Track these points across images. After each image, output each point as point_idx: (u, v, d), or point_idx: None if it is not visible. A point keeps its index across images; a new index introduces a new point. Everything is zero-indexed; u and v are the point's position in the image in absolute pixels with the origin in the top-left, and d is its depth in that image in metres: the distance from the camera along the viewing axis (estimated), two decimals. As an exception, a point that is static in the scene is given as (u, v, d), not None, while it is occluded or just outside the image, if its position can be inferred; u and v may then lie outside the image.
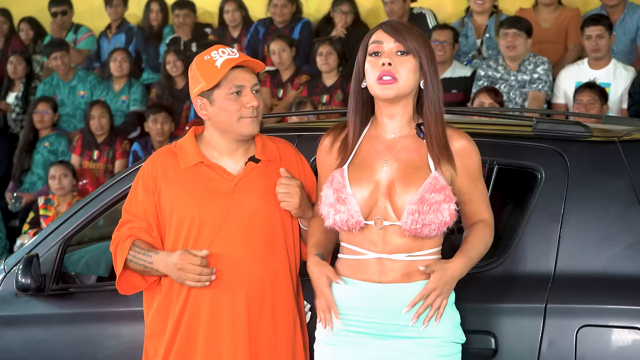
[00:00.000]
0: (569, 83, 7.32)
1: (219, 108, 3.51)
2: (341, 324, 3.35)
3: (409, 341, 3.30)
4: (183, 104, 8.71)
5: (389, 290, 3.31)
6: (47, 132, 8.84)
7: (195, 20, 9.66)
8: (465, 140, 3.36)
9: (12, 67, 9.58)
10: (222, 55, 3.51)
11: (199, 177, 3.53)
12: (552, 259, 3.56)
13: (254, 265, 3.51)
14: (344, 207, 3.30)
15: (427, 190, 3.25)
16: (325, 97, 8.18)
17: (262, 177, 3.56)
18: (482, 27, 8.20)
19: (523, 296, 3.54)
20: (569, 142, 3.71)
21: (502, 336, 3.51)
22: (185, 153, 3.57)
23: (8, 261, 4.35)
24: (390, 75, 3.30)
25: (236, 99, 3.50)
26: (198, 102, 3.54)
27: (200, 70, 3.52)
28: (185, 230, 3.51)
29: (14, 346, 4.22)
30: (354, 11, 8.83)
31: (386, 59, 3.31)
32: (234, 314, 3.50)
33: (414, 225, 3.25)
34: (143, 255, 3.51)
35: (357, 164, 3.37)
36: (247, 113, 3.51)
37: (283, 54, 8.41)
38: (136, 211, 3.57)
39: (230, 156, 3.57)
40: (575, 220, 3.59)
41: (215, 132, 3.56)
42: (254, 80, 3.54)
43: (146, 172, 3.59)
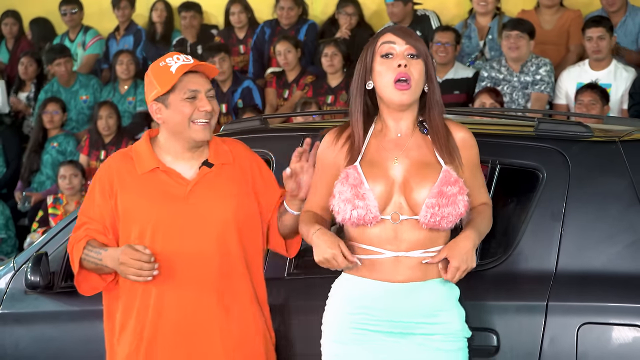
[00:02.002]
0: (570, 84, 7.34)
1: (173, 111, 3.56)
2: (352, 321, 3.39)
3: (421, 338, 3.34)
4: (189, 105, 8.73)
5: (404, 289, 3.35)
6: (56, 132, 8.87)
7: (202, 22, 9.69)
8: (464, 132, 3.43)
9: (23, 68, 9.61)
10: (177, 61, 3.57)
11: (155, 182, 3.59)
12: (554, 257, 3.58)
13: (209, 268, 3.56)
14: (362, 202, 3.33)
15: (443, 184, 3.31)
16: (330, 98, 8.22)
17: (216, 181, 3.61)
18: (485, 28, 8.22)
19: (525, 294, 3.56)
20: (570, 142, 3.72)
21: (504, 333, 3.52)
22: (142, 158, 3.62)
23: (17, 259, 4.38)
24: (406, 77, 3.34)
25: (191, 102, 3.56)
26: (153, 106, 3.59)
27: (156, 76, 3.58)
28: (140, 235, 3.56)
29: (23, 343, 4.25)
30: (358, 13, 8.85)
31: (402, 61, 3.35)
32: (189, 314, 3.56)
33: (432, 218, 3.30)
34: (94, 253, 3.57)
35: (367, 161, 3.41)
36: (200, 117, 3.56)
37: (289, 54, 8.44)
38: (92, 214, 3.63)
39: (185, 160, 3.62)
40: (577, 219, 3.61)
41: (170, 136, 3.61)
42: (208, 86, 3.60)
43: (103, 175, 3.64)
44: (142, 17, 10.01)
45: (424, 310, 3.35)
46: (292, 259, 3.90)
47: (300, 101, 7.92)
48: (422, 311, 3.35)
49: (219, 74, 8.46)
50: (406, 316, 3.35)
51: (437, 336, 3.35)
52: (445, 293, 3.39)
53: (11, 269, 4.39)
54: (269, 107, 8.55)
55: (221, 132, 4.45)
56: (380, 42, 3.39)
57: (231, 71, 8.58)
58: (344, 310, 3.41)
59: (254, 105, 8.35)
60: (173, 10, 9.78)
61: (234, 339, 3.60)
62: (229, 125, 4.49)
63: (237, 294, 3.61)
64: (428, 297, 3.36)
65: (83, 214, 3.67)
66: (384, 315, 3.36)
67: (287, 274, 3.90)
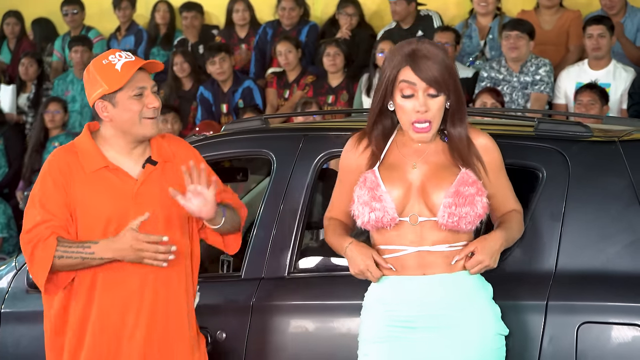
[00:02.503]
0: (569, 83, 7.35)
1: (122, 109, 3.57)
2: (384, 319, 3.42)
3: (453, 332, 3.36)
4: (190, 105, 8.75)
5: (432, 282, 3.38)
6: (57, 132, 8.89)
7: (203, 22, 9.71)
8: (485, 138, 3.46)
9: (24, 68, 9.63)
10: (120, 58, 3.57)
11: (103, 180, 3.59)
12: (553, 256, 3.59)
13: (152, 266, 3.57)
14: (379, 204, 3.37)
15: (460, 184, 3.34)
16: (330, 98, 8.23)
17: (160, 178, 3.63)
18: (485, 28, 8.23)
19: (524, 293, 3.58)
20: (570, 142, 3.74)
21: (504, 332, 3.54)
22: (88, 156, 3.61)
23: (19, 258, 4.39)
24: (426, 122, 3.36)
25: (139, 100, 3.57)
26: (99, 104, 3.58)
27: (101, 73, 3.56)
28: (90, 232, 3.56)
29: (24, 342, 4.27)
30: (359, 13, 8.86)
31: (422, 107, 3.35)
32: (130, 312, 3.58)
33: (450, 219, 3.33)
34: (79, 247, 3.52)
35: (386, 166, 3.44)
36: (148, 113, 3.58)
37: (289, 55, 8.45)
38: (52, 207, 3.57)
39: (129, 156, 3.63)
40: (576, 219, 3.62)
41: (117, 133, 3.61)
42: (152, 82, 3.62)
43: (53, 169, 3.60)
44: (143, 17, 10.02)
45: (453, 301, 3.37)
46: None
47: (301, 101, 7.93)
48: (451, 303, 3.37)
49: (219, 74, 8.48)
50: (435, 309, 3.37)
51: (469, 332, 3.37)
52: (473, 286, 3.40)
53: (13, 268, 4.41)
54: (269, 107, 8.56)
55: (222, 132, 4.46)
56: (400, 79, 3.36)
57: (232, 71, 8.59)
58: (376, 310, 3.45)
59: (254, 105, 8.37)
60: (175, 11, 9.80)
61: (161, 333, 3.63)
62: (229, 125, 4.50)
63: (173, 290, 3.64)
64: (456, 289, 3.38)
65: (42, 207, 3.55)
66: (414, 309, 3.39)
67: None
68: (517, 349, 3.53)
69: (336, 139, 4.15)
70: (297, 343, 3.89)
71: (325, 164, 4.15)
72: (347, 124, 4.46)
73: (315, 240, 5.28)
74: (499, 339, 3.43)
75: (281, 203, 4.04)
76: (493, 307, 3.44)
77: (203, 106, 8.62)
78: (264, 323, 3.91)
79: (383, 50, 7.93)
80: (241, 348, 3.94)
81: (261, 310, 3.93)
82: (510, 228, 3.44)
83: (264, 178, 5.23)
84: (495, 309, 3.44)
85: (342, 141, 4.12)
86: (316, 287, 3.93)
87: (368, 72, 8.10)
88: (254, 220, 4.14)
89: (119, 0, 9.85)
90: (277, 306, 3.93)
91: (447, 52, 3.46)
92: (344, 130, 4.27)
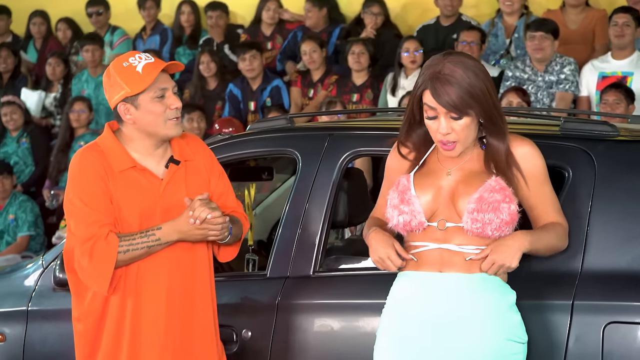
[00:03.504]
0: (591, 75, 7.35)
1: (144, 112, 3.58)
2: (400, 314, 3.44)
3: (460, 333, 3.35)
4: (215, 104, 8.79)
5: (447, 280, 3.38)
6: (82, 131, 8.94)
7: (228, 21, 9.74)
8: (527, 147, 3.42)
9: (51, 68, 9.68)
10: (140, 60, 3.58)
11: (131, 180, 3.61)
12: (579, 256, 3.58)
13: (181, 263, 3.61)
14: (407, 207, 3.39)
15: (485, 190, 3.33)
16: (355, 96, 8.24)
17: (184, 177, 3.66)
18: (511, 27, 8.22)
19: (550, 293, 3.57)
20: (596, 141, 3.73)
21: (530, 332, 3.49)
22: (116, 156, 3.62)
23: (46, 257, 4.43)
24: (449, 142, 3.36)
25: (161, 101, 3.58)
26: (121, 107, 3.59)
27: (122, 76, 3.58)
28: (123, 230, 3.58)
29: (52, 340, 4.30)
30: (384, 13, 8.87)
31: (444, 129, 3.34)
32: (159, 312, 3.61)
33: (474, 224, 3.32)
34: (142, 237, 3.54)
35: (423, 171, 3.46)
36: (172, 114, 3.59)
37: (314, 54, 8.47)
38: (99, 206, 3.55)
39: (152, 156, 3.65)
40: (602, 218, 3.60)
41: (140, 134, 3.62)
42: (173, 83, 3.63)
43: (89, 167, 3.57)
44: (168, 17, 10.05)
45: (464, 302, 3.36)
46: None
47: (325, 100, 7.94)
48: (462, 303, 3.36)
49: (249, 71, 8.51)
50: (446, 307, 3.37)
51: (475, 334, 3.35)
52: (488, 289, 3.37)
53: (40, 267, 4.44)
54: (293, 106, 8.58)
55: (248, 131, 4.48)
56: (424, 101, 3.36)
57: (261, 69, 8.62)
58: (391, 304, 3.48)
59: (280, 104, 8.39)
60: (200, 11, 9.83)
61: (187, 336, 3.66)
62: (255, 124, 4.51)
63: (200, 292, 3.68)
64: (469, 290, 3.37)
65: (89, 207, 3.53)
66: (429, 307, 3.39)
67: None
68: (543, 349, 3.52)
69: (361, 138, 4.17)
70: (322, 342, 3.90)
71: (351, 163, 4.16)
72: (372, 124, 4.46)
73: (341, 239, 5.29)
74: (514, 345, 3.38)
75: (306, 202, 4.05)
76: (509, 313, 3.39)
77: (231, 103, 8.64)
78: (289, 322, 3.92)
79: (408, 49, 7.93)
80: (266, 347, 3.95)
81: (286, 309, 3.95)
82: (542, 233, 3.40)
83: (289, 177, 5.24)
84: (513, 316, 3.40)
85: (367, 140, 4.15)
86: (341, 286, 3.94)
87: (393, 71, 8.10)
88: (279, 220, 4.16)
89: (143, 0, 9.89)
90: (302, 305, 3.94)
91: (476, 66, 3.34)
92: (369, 130, 4.28)
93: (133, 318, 3.60)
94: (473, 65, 3.34)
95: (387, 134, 3.94)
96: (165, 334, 3.61)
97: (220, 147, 4.26)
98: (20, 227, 8.49)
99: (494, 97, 3.37)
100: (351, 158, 4.08)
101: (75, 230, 3.56)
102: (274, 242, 4.08)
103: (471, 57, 3.41)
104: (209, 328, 3.71)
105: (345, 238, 5.37)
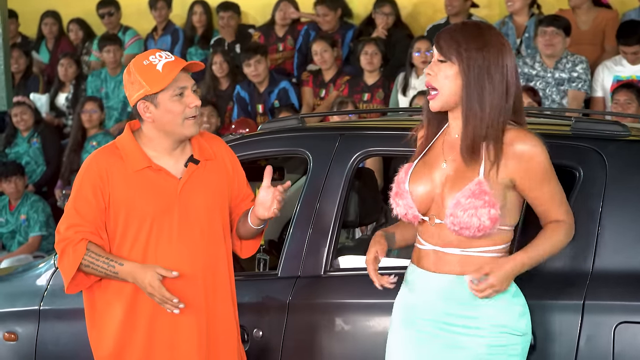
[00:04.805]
0: (607, 77, 7.34)
1: (164, 110, 3.59)
2: (400, 308, 3.47)
3: (461, 330, 3.35)
4: (227, 104, 8.80)
5: (443, 280, 3.38)
6: (94, 131, 8.95)
7: (239, 21, 9.75)
8: (528, 144, 3.31)
9: (63, 69, 9.71)
10: (161, 59, 3.60)
11: (146, 180, 3.62)
12: (590, 256, 3.58)
13: (197, 263, 3.63)
14: (401, 201, 3.40)
15: (464, 195, 3.29)
16: (366, 95, 8.25)
17: (203, 177, 3.67)
18: (522, 27, 8.21)
19: (561, 293, 3.57)
20: (607, 141, 3.72)
21: (540, 332, 3.52)
22: (131, 156, 3.64)
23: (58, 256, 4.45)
24: (430, 86, 3.35)
25: (180, 100, 3.59)
26: (141, 105, 3.60)
27: (142, 74, 3.59)
28: (137, 230, 3.61)
29: (64, 339, 4.32)
30: (395, 13, 8.88)
31: (429, 70, 3.35)
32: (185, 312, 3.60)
33: (454, 227, 3.31)
34: (104, 263, 3.57)
35: (425, 160, 3.44)
36: (190, 113, 3.60)
37: (325, 54, 8.47)
38: (85, 213, 3.61)
39: (170, 156, 3.66)
40: (613, 218, 3.60)
41: (159, 133, 3.64)
42: (192, 81, 3.64)
43: (93, 173, 3.62)
44: (179, 17, 10.07)
45: (459, 303, 3.36)
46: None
47: (337, 100, 7.95)
48: (457, 304, 3.36)
49: (255, 76, 8.52)
50: (443, 307, 3.37)
51: (476, 330, 3.35)
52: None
53: (51, 266, 4.46)
54: (305, 106, 8.59)
55: (259, 132, 4.49)
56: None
57: (267, 72, 8.62)
58: (398, 297, 3.51)
59: (290, 104, 8.39)
60: (212, 11, 9.84)
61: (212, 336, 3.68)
62: (266, 125, 4.51)
63: (220, 291, 3.70)
64: (463, 292, 3.36)
65: (76, 211, 3.61)
66: (423, 304, 3.40)
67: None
68: (554, 349, 3.53)
69: (372, 138, 4.17)
70: (333, 342, 3.90)
71: (362, 163, 4.16)
72: (384, 124, 4.46)
73: (352, 239, 5.30)
74: (510, 338, 3.35)
75: (317, 202, 4.06)
76: (506, 304, 3.35)
77: (239, 105, 8.66)
78: (301, 321, 3.93)
79: (420, 49, 7.94)
80: (278, 346, 3.96)
81: (297, 309, 3.96)
82: (538, 245, 3.34)
83: (300, 177, 5.25)
84: (508, 307, 3.35)
85: (378, 140, 4.15)
86: (352, 285, 3.94)
87: (404, 71, 8.11)
88: (290, 219, 4.16)
89: (154, 0, 9.91)
90: (313, 305, 3.95)
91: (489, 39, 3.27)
92: (380, 130, 4.28)
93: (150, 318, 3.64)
94: (485, 36, 3.29)
95: (398, 134, 3.94)
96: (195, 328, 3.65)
97: (231, 147, 4.26)
98: (32, 227, 8.51)
99: (489, 76, 3.27)
100: (362, 158, 4.09)
101: (59, 227, 3.66)
102: (285, 242, 4.09)
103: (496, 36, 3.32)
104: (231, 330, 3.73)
105: (356, 238, 5.37)
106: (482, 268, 3.29)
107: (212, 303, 3.67)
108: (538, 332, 3.53)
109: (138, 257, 3.61)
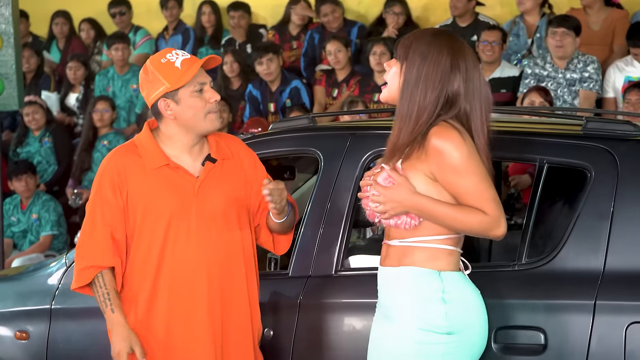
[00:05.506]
0: (618, 77, 7.33)
1: (185, 106, 3.61)
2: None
3: (383, 324, 3.38)
4: (238, 104, 8.81)
5: (382, 273, 3.41)
6: (106, 131, 8.97)
7: (250, 21, 9.76)
8: (441, 139, 3.28)
9: (72, 72, 9.70)
10: (177, 56, 3.63)
11: (164, 178, 3.64)
12: (602, 256, 3.58)
13: (215, 260, 3.65)
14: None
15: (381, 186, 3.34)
16: (377, 96, 8.24)
17: (220, 176, 3.69)
18: (533, 27, 8.20)
19: (573, 293, 3.57)
20: (618, 141, 3.72)
21: (552, 332, 3.53)
22: (150, 154, 3.65)
23: (69, 256, 4.45)
24: (383, 80, 3.42)
25: (200, 96, 3.62)
26: (162, 103, 3.62)
27: (161, 72, 3.60)
28: (152, 230, 3.63)
29: (75, 338, 4.33)
30: (405, 12, 8.88)
31: (386, 64, 3.43)
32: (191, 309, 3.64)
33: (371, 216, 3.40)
34: (103, 301, 3.64)
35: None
36: (211, 108, 3.63)
37: (339, 54, 8.46)
38: (111, 219, 3.63)
39: (189, 154, 3.68)
40: (625, 218, 3.60)
41: (180, 130, 3.65)
42: (209, 77, 3.68)
43: (111, 171, 3.65)
44: (190, 17, 10.09)
45: (387, 294, 3.37)
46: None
47: (347, 100, 7.95)
48: (387, 296, 3.37)
49: (267, 74, 8.52)
50: (381, 298, 3.41)
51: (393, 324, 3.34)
52: (410, 282, 3.32)
53: (63, 265, 4.46)
54: (317, 105, 8.59)
55: (269, 131, 4.49)
56: None
57: (279, 71, 8.62)
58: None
59: (301, 104, 8.40)
60: (221, 11, 9.85)
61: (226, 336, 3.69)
62: (277, 124, 4.52)
63: (236, 290, 3.71)
64: (395, 282, 3.34)
65: (102, 218, 3.64)
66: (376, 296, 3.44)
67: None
68: (565, 349, 3.53)
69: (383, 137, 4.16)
70: (344, 341, 3.91)
71: (372, 162, 4.16)
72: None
73: (363, 238, 5.29)
74: (431, 335, 3.27)
75: (328, 201, 4.06)
76: (430, 304, 3.28)
77: (251, 104, 8.67)
78: (312, 321, 3.94)
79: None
80: (289, 345, 3.97)
81: (308, 308, 3.96)
82: (447, 207, 3.27)
83: (311, 176, 5.25)
84: (434, 306, 3.27)
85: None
86: (363, 285, 3.94)
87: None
88: (301, 219, 4.17)
89: (165, 0, 9.93)
90: (324, 304, 3.96)
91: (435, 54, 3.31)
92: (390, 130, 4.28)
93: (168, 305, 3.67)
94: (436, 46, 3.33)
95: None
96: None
97: (242, 147, 4.27)
98: (44, 226, 8.53)
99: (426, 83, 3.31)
100: (373, 158, 4.09)
101: (81, 235, 3.69)
102: (296, 241, 4.09)
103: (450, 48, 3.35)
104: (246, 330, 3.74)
105: (367, 237, 5.37)
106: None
107: (228, 302, 3.68)
108: (549, 332, 3.54)
109: (155, 254, 3.63)
